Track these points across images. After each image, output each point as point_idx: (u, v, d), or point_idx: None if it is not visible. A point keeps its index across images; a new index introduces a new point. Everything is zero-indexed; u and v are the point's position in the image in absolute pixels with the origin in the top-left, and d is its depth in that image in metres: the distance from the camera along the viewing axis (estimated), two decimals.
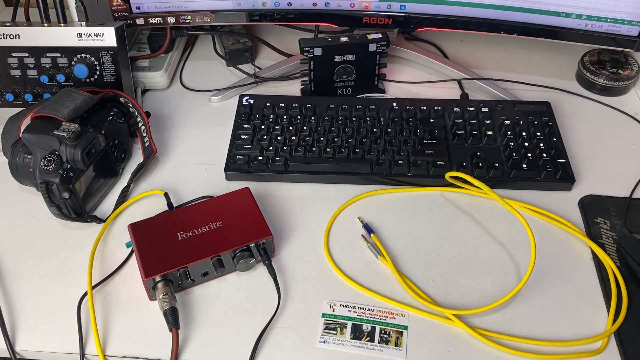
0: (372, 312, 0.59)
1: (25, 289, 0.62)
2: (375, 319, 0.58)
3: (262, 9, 0.83)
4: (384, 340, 0.57)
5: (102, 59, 0.77)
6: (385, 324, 0.58)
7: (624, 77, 0.85)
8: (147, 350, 0.56)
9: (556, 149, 0.73)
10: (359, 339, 0.57)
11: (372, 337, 0.57)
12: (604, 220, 0.67)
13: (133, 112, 0.76)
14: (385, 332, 0.57)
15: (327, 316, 0.59)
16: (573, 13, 0.77)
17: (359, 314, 0.59)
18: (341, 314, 0.59)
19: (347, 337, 0.57)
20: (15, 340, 0.57)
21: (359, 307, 0.59)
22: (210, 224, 0.61)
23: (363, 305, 0.59)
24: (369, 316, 0.59)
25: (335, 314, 0.59)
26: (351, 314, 0.59)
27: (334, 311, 0.59)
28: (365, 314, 0.59)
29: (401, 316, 0.59)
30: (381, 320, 0.58)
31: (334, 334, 0.57)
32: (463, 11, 0.80)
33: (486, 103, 0.80)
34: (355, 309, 0.59)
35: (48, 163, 0.63)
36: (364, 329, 0.58)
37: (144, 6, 0.81)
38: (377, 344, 0.56)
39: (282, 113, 0.78)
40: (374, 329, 0.57)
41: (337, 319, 0.58)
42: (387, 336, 0.57)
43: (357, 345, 0.56)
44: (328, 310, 0.59)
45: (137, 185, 0.74)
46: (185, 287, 0.61)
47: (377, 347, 0.56)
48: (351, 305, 0.59)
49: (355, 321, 0.58)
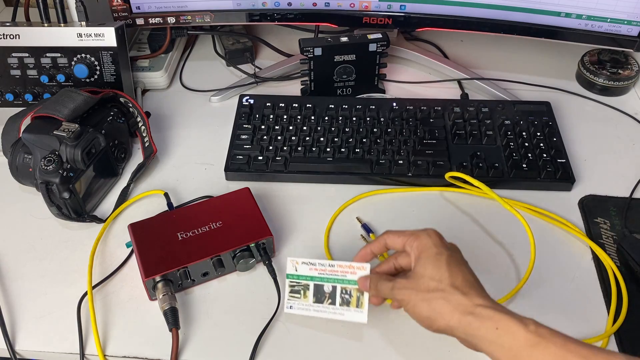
0: (332, 268, 0.56)
1: (25, 289, 0.62)
2: (335, 276, 0.56)
3: (262, 9, 0.83)
4: (345, 301, 0.55)
5: (102, 59, 0.77)
6: (346, 281, 0.55)
7: (624, 77, 0.85)
8: (147, 350, 0.56)
9: (556, 149, 0.73)
10: (321, 302, 0.56)
11: (333, 299, 0.55)
12: (604, 220, 0.67)
13: (133, 112, 0.76)
14: (346, 292, 0.55)
15: (291, 277, 0.57)
16: (573, 13, 0.77)
17: (320, 272, 0.56)
18: (303, 273, 0.57)
19: (310, 300, 0.56)
20: (15, 340, 0.57)
21: (320, 264, 0.57)
22: (210, 224, 0.61)
23: (324, 262, 0.57)
24: (330, 273, 0.56)
25: (298, 274, 0.57)
26: (313, 272, 0.56)
27: (297, 270, 0.57)
28: (325, 271, 0.56)
29: (362, 270, 0.55)
30: (342, 278, 0.56)
31: (298, 298, 0.56)
32: (463, 11, 0.80)
33: (486, 103, 0.80)
34: (316, 266, 0.57)
35: (48, 163, 0.63)
36: (325, 290, 0.56)
37: (144, 6, 0.81)
38: (339, 306, 0.55)
39: (282, 113, 0.78)
40: (334, 290, 0.55)
41: (300, 279, 0.56)
42: (348, 296, 0.55)
43: (319, 310, 0.56)
44: (291, 270, 0.57)
45: (137, 185, 0.73)
46: (185, 287, 0.61)
47: (338, 311, 0.55)
48: (312, 262, 0.57)
49: (317, 281, 0.56)
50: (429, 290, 0.49)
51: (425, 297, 0.49)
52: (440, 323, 0.48)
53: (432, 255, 0.51)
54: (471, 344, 0.48)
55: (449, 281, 0.49)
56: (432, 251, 0.51)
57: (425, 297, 0.49)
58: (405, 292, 0.51)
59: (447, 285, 0.49)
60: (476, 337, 0.47)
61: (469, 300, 0.48)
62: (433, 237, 0.52)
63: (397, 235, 0.55)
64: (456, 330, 0.48)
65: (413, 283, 0.50)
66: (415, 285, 0.50)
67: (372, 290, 0.54)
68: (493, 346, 0.46)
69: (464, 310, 0.47)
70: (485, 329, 0.46)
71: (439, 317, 0.48)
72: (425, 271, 0.50)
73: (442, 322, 0.48)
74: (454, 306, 0.48)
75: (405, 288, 0.51)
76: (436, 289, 0.49)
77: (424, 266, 0.50)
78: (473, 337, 0.47)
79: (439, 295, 0.48)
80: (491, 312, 0.47)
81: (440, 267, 0.50)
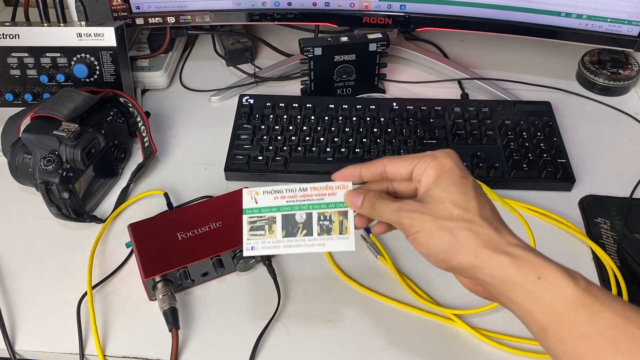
0: (304, 192, 0.47)
1: (24, 289, 0.61)
2: (309, 200, 0.46)
3: (262, 9, 0.83)
4: (325, 229, 0.46)
5: (101, 59, 0.77)
6: (323, 205, 0.46)
7: (624, 77, 0.85)
8: (146, 350, 0.56)
9: (556, 149, 0.73)
10: (294, 235, 0.46)
11: (309, 229, 0.46)
12: (604, 220, 0.67)
13: (133, 112, 0.75)
14: (325, 218, 0.46)
15: (250, 211, 0.47)
16: (573, 13, 0.77)
17: (289, 199, 0.47)
18: (266, 204, 0.47)
19: (279, 235, 0.46)
20: (15, 340, 0.57)
21: (288, 190, 0.47)
22: (210, 224, 0.61)
23: (292, 186, 0.47)
24: (302, 199, 0.46)
25: (259, 207, 0.47)
26: (279, 201, 0.47)
27: (257, 202, 0.47)
28: (296, 197, 0.46)
29: (343, 188, 0.46)
30: (317, 202, 0.46)
31: (262, 235, 0.46)
32: (463, 11, 0.80)
33: (486, 103, 0.80)
34: (282, 193, 0.47)
35: (48, 163, 0.63)
36: (297, 219, 0.46)
37: (144, 6, 0.81)
38: (317, 236, 0.46)
39: (282, 113, 0.78)
40: (309, 218, 0.46)
41: (263, 212, 0.47)
42: (327, 222, 0.46)
43: (292, 245, 0.46)
44: (250, 203, 0.47)
45: (137, 185, 0.73)
46: (185, 287, 0.61)
47: (317, 242, 0.46)
48: (277, 190, 0.47)
49: (286, 210, 0.46)
50: (452, 218, 0.41)
51: (446, 226, 0.40)
52: (463, 258, 0.40)
53: (456, 178, 0.42)
54: (495, 291, 0.40)
55: (477, 211, 0.41)
56: (456, 173, 0.42)
57: (445, 226, 0.40)
58: (417, 216, 0.42)
59: (475, 215, 0.40)
60: (507, 283, 0.38)
61: (501, 237, 0.40)
62: (454, 158, 0.44)
63: (402, 159, 0.45)
64: (481, 271, 0.40)
65: (430, 208, 0.41)
66: (433, 211, 0.41)
67: (366, 209, 0.45)
68: (529, 298, 0.38)
69: (495, 247, 0.39)
70: (523, 275, 0.38)
71: (463, 251, 0.40)
72: (448, 195, 0.41)
73: (465, 258, 0.40)
74: (483, 241, 0.39)
75: (418, 212, 0.42)
76: (461, 218, 0.40)
77: (445, 189, 0.42)
78: (502, 282, 0.39)
79: (464, 225, 0.40)
80: (531, 256, 0.39)
81: (467, 192, 0.41)
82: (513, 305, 0.39)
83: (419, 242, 0.42)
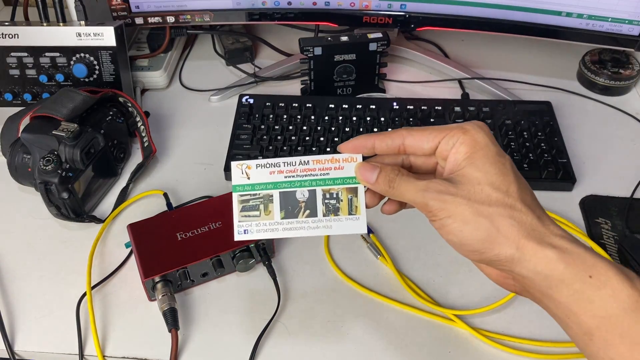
0: (306, 166, 0.41)
1: (24, 290, 0.61)
2: (312, 176, 0.41)
3: (262, 8, 0.82)
4: (332, 208, 0.40)
5: (101, 59, 0.77)
6: (329, 181, 0.40)
7: (625, 76, 0.85)
8: (146, 351, 0.56)
9: (557, 149, 0.73)
10: (295, 216, 0.40)
11: (312, 209, 0.40)
12: (605, 221, 0.67)
13: (132, 112, 0.75)
14: (331, 196, 0.40)
15: (241, 188, 0.41)
16: (574, 12, 0.77)
17: (287, 174, 0.41)
18: (261, 179, 0.41)
19: (277, 216, 0.40)
20: (14, 341, 0.57)
21: (286, 163, 0.41)
22: (209, 224, 0.61)
23: (291, 159, 0.41)
24: (303, 174, 0.41)
25: (252, 183, 0.41)
26: (276, 176, 0.41)
27: (249, 178, 0.41)
28: (296, 172, 0.41)
29: (352, 161, 0.41)
30: (322, 177, 0.41)
31: (256, 217, 0.41)
32: (464, 10, 0.79)
33: (487, 103, 0.79)
34: (280, 167, 0.41)
35: (47, 163, 0.63)
36: (298, 197, 0.41)
37: (143, 5, 0.81)
38: (323, 217, 0.40)
39: (282, 113, 0.78)
40: (313, 195, 0.40)
41: (257, 189, 0.41)
42: (335, 201, 0.40)
43: (293, 227, 0.41)
44: (240, 179, 0.41)
45: (137, 185, 0.73)
46: (184, 288, 0.61)
47: (322, 223, 0.40)
48: (273, 163, 0.41)
49: (284, 187, 0.41)
50: (490, 202, 0.35)
51: (484, 211, 0.35)
52: (502, 249, 0.35)
53: (493, 156, 0.37)
54: (533, 288, 0.35)
55: (517, 195, 0.36)
56: (492, 150, 0.37)
57: (483, 211, 0.35)
58: (449, 199, 0.36)
59: (517, 200, 0.35)
60: (552, 280, 0.34)
61: (545, 227, 0.35)
62: (487, 132, 0.38)
63: (426, 132, 0.39)
64: (521, 264, 0.35)
65: (464, 189, 0.36)
66: (468, 193, 0.36)
67: (382, 186, 0.39)
68: (575, 298, 0.33)
69: (540, 238, 0.34)
70: (572, 272, 0.33)
71: (503, 241, 0.35)
72: (485, 176, 0.36)
73: (505, 249, 0.35)
74: (526, 230, 0.35)
75: (450, 194, 0.36)
76: (501, 203, 0.35)
77: (481, 169, 0.36)
78: (546, 279, 0.34)
79: (504, 211, 0.35)
80: (580, 251, 0.34)
81: (506, 173, 0.36)
82: (554, 304, 0.35)
83: (449, 229, 0.36)
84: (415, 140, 0.40)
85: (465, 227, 0.36)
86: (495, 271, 0.40)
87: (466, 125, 0.38)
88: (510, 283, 0.39)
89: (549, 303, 0.35)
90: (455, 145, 0.38)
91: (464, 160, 0.37)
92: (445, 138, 0.39)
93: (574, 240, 0.35)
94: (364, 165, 0.40)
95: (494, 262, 0.36)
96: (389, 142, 0.40)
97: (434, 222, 0.38)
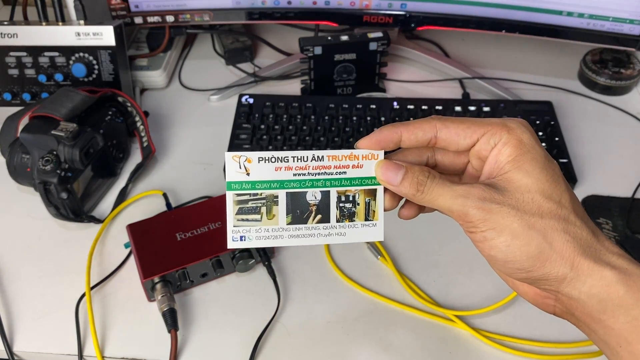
0: (319, 162, 0.35)
1: (23, 290, 0.61)
2: (327, 174, 0.35)
3: (262, 8, 0.82)
4: (347, 213, 0.35)
5: (100, 58, 0.76)
6: (346, 181, 0.35)
7: (626, 76, 0.85)
8: (145, 351, 0.56)
9: (558, 149, 0.73)
10: (305, 222, 0.35)
11: (325, 213, 0.35)
12: (606, 221, 0.67)
13: (131, 112, 0.75)
14: (347, 199, 0.35)
15: (238, 186, 0.34)
16: (575, 12, 0.76)
17: (297, 172, 0.34)
18: (263, 176, 0.34)
19: (282, 222, 0.34)
20: (13, 341, 0.57)
21: (296, 158, 0.34)
22: (209, 224, 0.61)
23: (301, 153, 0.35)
24: (315, 171, 0.35)
25: (252, 180, 0.34)
26: (282, 173, 0.34)
27: (249, 173, 0.34)
28: (307, 170, 0.34)
29: (372, 159, 0.35)
30: (337, 176, 0.35)
31: (257, 221, 0.34)
32: (464, 10, 0.79)
33: (488, 102, 0.79)
34: (288, 163, 0.34)
35: (46, 163, 0.63)
36: (309, 200, 0.35)
37: (143, 5, 0.81)
38: (336, 223, 0.35)
39: (282, 112, 0.78)
40: (326, 197, 0.35)
41: (259, 188, 0.34)
42: (351, 205, 0.35)
43: (301, 234, 0.35)
44: (237, 174, 0.34)
45: (136, 186, 0.73)
46: (184, 288, 0.61)
47: (336, 231, 0.35)
48: (280, 157, 0.34)
49: (292, 187, 0.34)
50: (542, 214, 0.31)
51: (535, 224, 0.31)
52: (554, 268, 0.31)
53: (542, 161, 0.32)
54: (582, 311, 0.31)
55: (571, 206, 0.31)
56: (540, 154, 0.32)
57: (534, 224, 0.31)
58: (495, 208, 0.31)
59: (570, 212, 0.31)
60: (608, 304, 0.30)
61: (600, 244, 0.31)
62: (532, 132, 0.33)
63: (463, 124, 0.34)
64: (573, 284, 0.31)
65: (511, 197, 0.31)
66: (516, 202, 0.31)
67: (408, 189, 0.34)
68: (633, 326, 0.29)
69: (596, 256, 0.30)
70: (633, 297, 0.29)
71: (556, 258, 0.31)
72: (536, 183, 0.31)
73: (557, 267, 0.31)
74: (581, 247, 0.31)
75: (495, 202, 0.31)
76: (554, 215, 0.31)
77: (531, 174, 0.32)
78: (601, 303, 0.30)
79: (558, 225, 0.31)
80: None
81: (557, 181, 0.32)
82: (605, 330, 0.31)
83: (494, 243, 0.32)
84: (451, 134, 0.34)
85: (513, 242, 0.31)
86: (535, 290, 0.35)
87: (510, 123, 0.33)
88: (550, 304, 0.34)
89: (598, 328, 0.31)
90: (497, 145, 0.33)
91: (509, 163, 0.32)
92: (487, 135, 0.33)
93: (633, 260, 0.31)
94: (386, 164, 0.35)
95: (540, 281, 0.32)
96: (419, 135, 0.34)
97: (473, 234, 0.33)
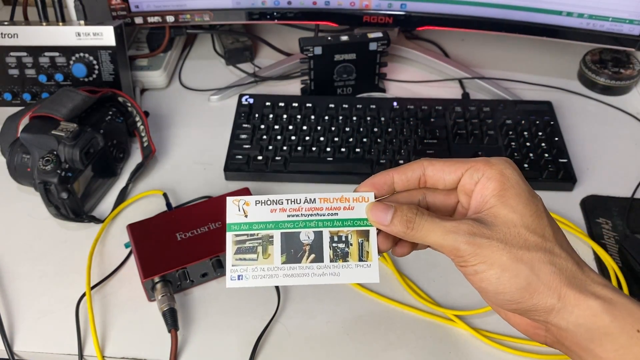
0: (312, 204, 0.37)
1: (23, 290, 0.61)
2: (319, 215, 0.37)
3: (262, 8, 0.82)
4: (341, 253, 0.37)
5: (100, 58, 0.77)
6: (337, 222, 0.37)
7: (625, 76, 0.85)
8: (145, 351, 0.56)
9: (558, 149, 0.73)
10: (299, 261, 0.36)
11: (318, 253, 0.37)
12: (605, 221, 0.67)
13: (132, 112, 0.75)
14: (340, 239, 0.37)
15: (236, 227, 0.37)
16: (575, 12, 0.76)
17: (291, 213, 0.37)
18: (260, 218, 0.37)
19: (277, 261, 0.36)
20: (14, 341, 0.57)
21: (290, 201, 0.37)
22: (209, 224, 0.61)
23: (295, 196, 0.38)
24: (308, 212, 0.37)
25: (249, 222, 0.37)
26: (277, 215, 0.37)
27: (247, 215, 0.37)
28: (300, 211, 0.37)
29: (363, 201, 0.37)
30: (330, 217, 0.37)
31: (253, 260, 0.36)
32: (464, 10, 0.79)
33: (487, 102, 0.79)
34: (282, 205, 0.37)
35: (46, 163, 0.63)
36: (302, 240, 0.37)
37: (143, 5, 0.81)
38: (330, 263, 0.37)
39: (282, 112, 0.78)
40: (319, 238, 0.37)
41: (255, 229, 0.37)
42: (344, 245, 0.37)
43: (296, 274, 0.36)
44: (236, 216, 0.37)
45: (136, 186, 0.73)
46: (184, 288, 0.61)
47: (330, 271, 0.36)
48: (275, 200, 0.37)
49: (287, 227, 0.37)
50: (528, 247, 0.32)
51: (523, 257, 0.32)
52: (542, 299, 0.32)
53: (525, 196, 0.34)
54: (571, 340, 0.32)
55: (554, 238, 0.33)
56: (523, 189, 0.34)
57: (522, 257, 0.32)
58: (484, 243, 0.33)
59: (555, 245, 0.33)
60: (595, 333, 0.31)
61: (584, 274, 0.32)
62: (515, 168, 0.35)
63: (447, 163, 0.36)
64: (560, 315, 0.32)
65: (499, 232, 0.33)
66: (503, 236, 0.33)
67: (399, 227, 0.35)
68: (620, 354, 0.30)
69: (581, 286, 0.32)
70: (618, 326, 0.30)
71: (544, 289, 0.32)
72: (520, 218, 0.33)
73: (545, 298, 0.32)
74: (567, 278, 0.32)
75: (484, 237, 0.33)
76: (539, 247, 0.33)
77: (515, 209, 0.33)
78: (588, 332, 0.31)
79: (544, 257, 0.32)
80: (625, 301, 0.31)
81: (540, 215, 0.33)
82: (594, 358, 0.32)
83: (484, 276, 0.33)
84: (437, 171, 0.36)
85: (503, 274, 0.32)
86: (526, 321, 0.36)
87: (492, 159, 0.36)
88: (541, 334, 0.36)
89: (587, 357, 0.32)
90: (481, 179, 0.35)
91: (494, 197, 0.34)
92: (470, 170, 0.35)
93: (616, 290, 0.32)
94: (376, 205, 0.36)
95: (529, 312, 0.33)
96: (409, 174, 0.37)
97: (464, 267, 0.34)
